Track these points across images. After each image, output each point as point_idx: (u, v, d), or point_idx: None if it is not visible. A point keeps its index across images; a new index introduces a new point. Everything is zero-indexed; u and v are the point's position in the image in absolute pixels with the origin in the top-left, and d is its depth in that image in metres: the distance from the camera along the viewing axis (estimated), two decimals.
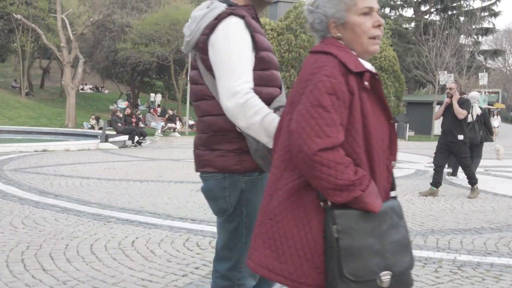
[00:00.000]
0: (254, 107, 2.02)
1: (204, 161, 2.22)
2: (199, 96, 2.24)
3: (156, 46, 30.48)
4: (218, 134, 2.18)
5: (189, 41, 2.25)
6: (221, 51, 2.09)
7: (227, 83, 2.05)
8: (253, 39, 2.13)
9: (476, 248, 5.11)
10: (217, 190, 2.21)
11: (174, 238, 5.10)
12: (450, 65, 31.36)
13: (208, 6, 2.23)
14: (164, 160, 13.03)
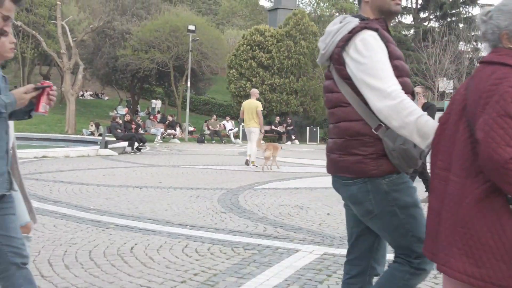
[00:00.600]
0: (408, 108, 2.17)
1: (343, 167, 2.39)
2: (334, 103, 2.41)
3: (156, 53, 30.56)
4: (354, 138, 2.33)
5: (324, 53, 2.42)
6: (364, 60, 2.24)
7: (378, 86, 2.20)
8: (388, 49, 2.30)
9: None
10: (360, 194, 2.36)
11: (173, 245, 5.10)
12: (450, 72, 31.38)
13: (341, 21, 2.41)
14: (164, 167, 13.03)
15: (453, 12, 49.56)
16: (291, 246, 5.16)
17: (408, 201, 2.34)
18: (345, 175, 2.39)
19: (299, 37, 28.63)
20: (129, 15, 35.47)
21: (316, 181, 10.64)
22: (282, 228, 6.03)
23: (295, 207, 7.45)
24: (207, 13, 62.71)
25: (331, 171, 2.49)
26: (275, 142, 16.66)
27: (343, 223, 6.37)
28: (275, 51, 28.33)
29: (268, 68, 28.42)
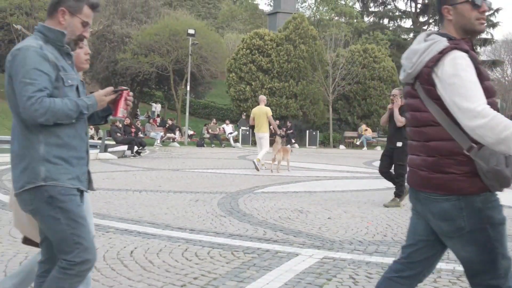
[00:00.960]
0: (501, 123, 2.20)
1: (437, 184, 2.42)
2: (422, 122, 2.46)
3: (156, 57, 30.59)
4: (446, 157, 2.38)
5: (411, 72, 2.45)
6: (454, 80, 2.28)
7: (467, 106, 2.23)
8: (477, 71, 2.33)
9: None
10: (453, 211, 2.39)
11: (173, 248, 5.10)
12: None
13: (425, 39, 2.46)
14: (163, 170, 13.03)
15: None
16: (290, 250, 5.16)
17: (499, 218, 2.42)
18: (437, 192, 2.42)
19: (299, 41, 28.67)
20: (129, 19, 35.50)
21: (315, 185, 10.64)
22: (281, 232, 6.03)
23: (294, 211, 7.45)
24: (207, 17, 62.81)
25: (419, 186, 2.52)
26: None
27: (343, 227, 6.39)
28: (275, 55, 28.37)
29: (268, 72, 28.46)
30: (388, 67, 31.22)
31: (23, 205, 2.58)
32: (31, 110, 2.37)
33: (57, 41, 2.58)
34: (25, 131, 2.50)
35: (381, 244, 5.56)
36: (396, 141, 8.20)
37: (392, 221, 6.90)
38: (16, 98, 2.46)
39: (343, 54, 30.88)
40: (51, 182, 2.48)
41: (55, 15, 2.60)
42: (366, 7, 53.10)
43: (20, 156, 2.52)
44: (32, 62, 2.42)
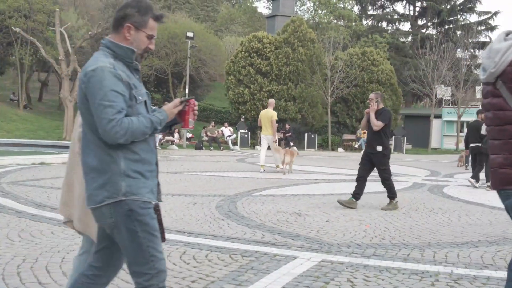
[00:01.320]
0: None
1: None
2: (506, 120, 2.51)
3: (155, 60, 30.61)
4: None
5: (494, 71, 2.49)
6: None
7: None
8: None
9: (473, 261, 5.11)
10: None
11: (171, 251, 5.09)
12: (447, 79, 31.50)
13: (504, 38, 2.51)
14: (162, 173, 12.96)
15: (450, 20, 49.79)
16: (288, 253, 5.16)
17: None
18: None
19: (297, 44, 28.69)
20: None
21: (314, 188, 10.65)
22: (280, 235, 6.03)
23: (293, 214, 7.45)
24: (206, 20, 62.85)
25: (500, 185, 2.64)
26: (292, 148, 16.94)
27: (341, 230, 6.39)
28: (273, 58, 28.39)
29: (266, 74, 28.48)
30: (386, 70, 31.25)
31: (101, 219, 2.60)
32: (112, 133, 2.43)
33: (126, 58, 2.61)
34: (104, 147, 2.53)
35: (379, 247, 5.56)
36: (376, 145, 8.17)
37: (390, 224, 6.90)
38: (91, 117, 2.50)
39: (341, 57, 30.91)
40: (131, 196, 2.54)
41: (120, 30, 2.63)
42: (365, 10, 53.19)
43: (99, 171, 2.54)
44: (108, 84, 2.45)
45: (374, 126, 8.10)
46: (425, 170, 16.63)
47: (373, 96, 8.37)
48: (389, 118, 8.28)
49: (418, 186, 11.61)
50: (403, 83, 38.86)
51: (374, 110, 8.18)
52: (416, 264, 4.91)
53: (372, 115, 8.15)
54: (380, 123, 8.09)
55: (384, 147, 8.18)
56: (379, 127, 8.08)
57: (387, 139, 8.27)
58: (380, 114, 8.18)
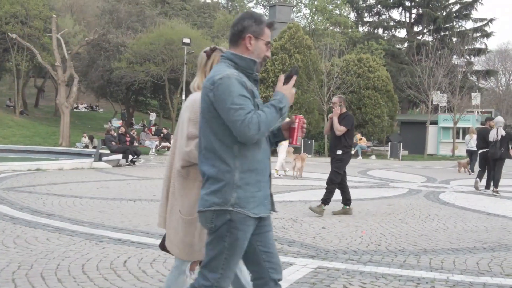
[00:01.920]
0: None
1: None
2: None
3: (151, 66, 30.61)
4: None
5: None
6: None
7: None
8: None
9: (469, 268, 5.11)
10: None
11: (167, 258, 5.08)
12: (443, 85, 31.57)
13: None
14: (158, 179, 13.00)
15: (446, 26, 50.01)
16: (285, 259, 5.15)
17: None
18: None
19: (294, 50, 28.75)
20: (124, 28, 35.55)
21: (310, 194, 10.64)
22: (276, 241, 5.99)
23: (289, 220, 7.44)
24: (202, 26, 62.91)
25: None
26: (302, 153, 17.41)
27: (337, 236, 6.39)
28: (270, 64, 28.43)
29: (263, 81, 28.50)
30: (382, 77, 31.32)
31: (203, 221, 2.68)
32: (246, 130, 2.51)
33: (247, 69, 2.73)
34: (224, 157, 2.61)
35: (375, 254, 5.56)
36: (337, 149, 8.09)
37: (386, 231, 6.90)
38: (218, 125, 2.61)
39: (338, 63, 30.98)
40: (238, 208, 2.60)
41: (241, 43, 2.77)
42: (361, 17, 53.40)
43: (215, 180, 2.62)
44: (237, 89, 2.56)
45: (337, 131, 7.99)
46: (421, 176, 16.65)
47: (336, 100, 8.24)
48: (352, 123, 8.16)
49: (414, 192, 11.62)
50: (399, 90, 38.95)
51: (337, 114, 8.06)
52: (412, 270, 4.91)
53: (335, 120, 8.04)
54: (343, 128, 7.99)
55: (343, 152, 8.08)
56: (342, 132, 7.98)
57: (349, 144, 8.17)
58: (344, 119, 8.06)
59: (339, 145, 8.06)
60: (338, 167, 8.10)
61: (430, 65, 31.34)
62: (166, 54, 30.80)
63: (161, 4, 66.87)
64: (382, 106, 30.80)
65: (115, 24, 36.23)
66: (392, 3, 51.29)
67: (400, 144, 29.09)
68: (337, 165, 8.09)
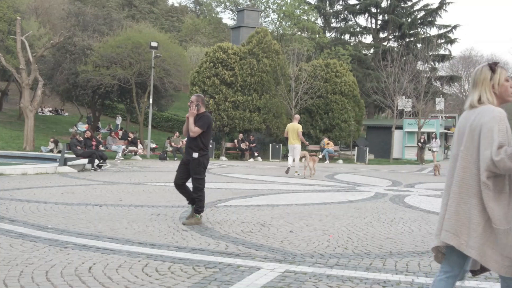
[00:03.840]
0: None
1: None
2: None
3: (118, 69, 30.30)
4: None
5: None
6: None
7: None
8: None
9: (433, 270, 5.20)
10: None
11: (133, 264, 5.02)
12: (408, 91, 32.12)
13: None
14: (124, 184, 12.86)
15: (411, 33, 50.95)
16: (252, 263, 5.15)
17: None
18: None
19: (262, 55, 28.84)
20: (91, 31, 35.11)
21: (278, 198, 10.68)
22: (243, 245, 6.02)
23: (257, 225, 7.45)
24: (170, 30, 62.63)
25: None
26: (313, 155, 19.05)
27: (305, 240, 6.42)
28: (238, 69, 28.45)
29: (231, 85, 28.51)
30: (349, 82, 31.67)
31: None
32: None
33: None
34: None
35: (342, 257, 5.61)
36: (193, 152, 7.51)
37: (353, 234, 6.97)
38: None
39: (305, 68, 31.21)
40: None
41: None
42: (328, 22, 53.96)
43: None
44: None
45: (191, 132, 7.46)
46: (387, 180, 16.88)
47: (194, 98, 7.63)
48: (209, 124, 7.60)
49: (380, 196, 11.77)
50: (365, 95, 39.50)
51: (194, 114, 7.52)
52: (378, 273, 4.97)
53: (191, 120, 7.49)
54: (198, 129, 7.44)
55: (200, 154, 7.51)
56: (196, 133, 7.45)
57: (205, 146, 7.59)
58: (200, 119, 7.54)
59: (195, 148, 7.50)
60: (199, 172, 7.53)
61: (396, 70, 31.85)
62: (133, 58, 30.53)
63: (128, 7, 66.38)
64: (349, 111, 31.13)
65: (81, 27, 35.75)
66: (359, 9, 51.99)
67: (367, 149, 29.45)
68: (197, 170, 7.52)
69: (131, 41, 30.64)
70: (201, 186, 7.56)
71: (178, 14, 72.93)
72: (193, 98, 7.63)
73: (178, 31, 64.09)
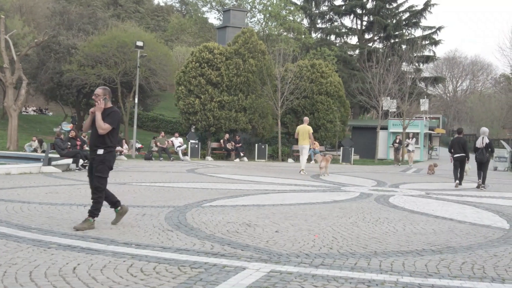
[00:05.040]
0: None
1: None
2: None
3: (103, 68, 30.12)
4: None
5: None
6: None
7: None
8: None
9: (417, 269, 5.24)
10: None
11: (118, 264, 5.00)
12: (393, 91, 32.31)
13: None
14: (109, 184, 12.72)
15: (396, 34, 51.27)
16: (238, 263, 5.15)
17: None
18: None
19: (248, 55, 28.84)
20: (76, 29, 34.87)
21: (264, 198, 10.69)
22: (229, 245, 6.01)
23: (242, 225, 7.45)
24: (156, 29, 62.44)
25: None
26: (327, 155, 20.04)
27: (290, 240, 6.43)
28: (224, 69, 28.41)
29: (217, 85, 28.47)
30: (335, 82, 31.78)
31: None
32: None
33: None
34: None
35: (327, 257, 5.63)
36: (98, 148, 6.93)
37: (338, 234, 7.00)
38: None
39: (291, 69, 31.26)
40: None
41: None
42: (314, 23, 54.10)
43: None
44: None
45: (100, 129, 6.85)
46: (372, 180, 16.97)
47: (100, 91, 7.02)
48: (118, 120, 7.05)
49: (365, 196, 11.83)
50: (351, 95, 39.63)
51: (101, 109, 6.90)
52: (363, 273, 5.00)
53: (99, 115, 6.88)
54: (108, 126, 6.86)
55: (106, 151, 6.95)
56: (106, 130, 6.86)
57: (112, 143, 7.03)
58: (108, 115, 6.93)
59: (101, 144, 6.92)
60: (101, 171, 6.93)
61: (381, 71, 32.02)
62: (118, 57, 30.38)
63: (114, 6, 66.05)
64: (334, 111, 31.23)
65: (66, 25, 35.49)
66: (344, 10, 52.19)
67: (352, 149, 29.58)
68: (100, 169, 6.91)
69: (116, 40, 30.49)
70: (103, 186, 7.00)
71: (164, 13, 72.68)
72: (99, 91, 7.03)
73: (164, 30, 63.89)
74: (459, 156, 15.77)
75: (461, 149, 15.75)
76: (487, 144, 15.03)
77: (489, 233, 7.57)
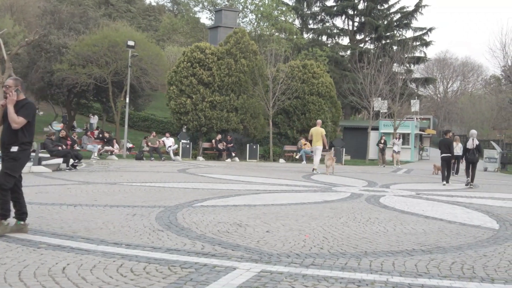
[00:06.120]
0: None
1: None
2: None
3: (94, 68, 29.98)
4: None
5: None
6: None
7: None
8: None
9: (407, 269, 5.26)
10: None
11: (108, 264, 4.98)
12: (384, 92, 32.42)
13: None
14: (100, 184, 12.73)
15: (387, 35, 51.47)
16: (228, 263, 5.15)
17: None
18: None
19: (240, 55, 28.84)
20: (66, 29, 34.68)
21: (255, 198, 10.69)
22: (220, 245, 6.01)
23: (233, 225, 7.44)
24: (148, 29, 62.29)
25: None
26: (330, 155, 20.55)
27: (281, 240, 6.44)
28: (216, 69, 28.39)
29: (209, 85, 28.44)
30: (326, 83, 31.84)
31: None
32: None
33: None
34: None
35: (318, 257, 5.64)
36: (12, 146, 6.32)
37: (329, 234, 7.01)
38: None
39: (283, 69, 31.29)
40: None
41: None
42: (305, 24, 54.22)
43: None
44: None
45: (13, 123, 6.22)
46: (363, 180, 17.02)
47: (11, 82, 6.39)
48: (33, 114, 6.46)
49: (356, 196, 11.85)
50: (342, 96, 39.77)
51: (13, 101, 6.29)
52: (353, 273, 5.01)
53: (11, 109, 6.26)
54: (23, 119, 6.27)
55: (21, 149, 6.34)
56: (21, 124, 6.26)
57: (28, 140, 6.43)
58: (22, 107, 6.33)
59: (14, 141, 6.31)
60: (11, 168, 6.26)
61: (372, 72, 32.11)
62: (109, 57, 30.24)
63: (105, 5, 65.83)
64: (325, 112, 31.28)
65: (56, 25, 35.27)
66: (336, 11, 52.33)
67: (343, 149, 29.65)
68: (10, 165, 6.27)
69: (107, 39, 30.34)
70: (9, 185, 6.31)
71: (156, 13, 72.50)
72: (10, 81, 6.39)
73: (156, 30, 63.73)
74: (445, 156, 16.65)
75: (447, 149, 16.66)
76: (477, 145, 16.25)
77: (479, 233, 7.61)
